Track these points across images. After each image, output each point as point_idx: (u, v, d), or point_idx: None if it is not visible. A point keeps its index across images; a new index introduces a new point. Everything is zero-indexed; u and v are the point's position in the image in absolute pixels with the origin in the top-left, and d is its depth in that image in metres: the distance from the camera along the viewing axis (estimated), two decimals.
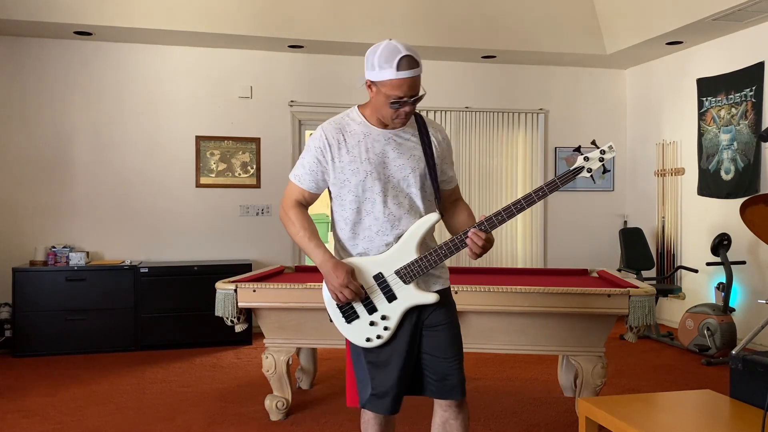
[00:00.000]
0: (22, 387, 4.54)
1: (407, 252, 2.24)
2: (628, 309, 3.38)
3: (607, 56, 6.66)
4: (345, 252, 2.34)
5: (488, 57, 6.73)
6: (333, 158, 2.28)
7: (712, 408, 2.55)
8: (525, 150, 7.08)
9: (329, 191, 2.38)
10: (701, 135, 6.17)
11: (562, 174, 2.21)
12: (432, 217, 2.27)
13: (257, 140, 6.41)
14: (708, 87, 6.08)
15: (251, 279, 3.83)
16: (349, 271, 2.23)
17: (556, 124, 7.17)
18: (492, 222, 2.20)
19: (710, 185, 6.05)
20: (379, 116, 2.26)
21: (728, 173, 5.83)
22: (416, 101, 2.20)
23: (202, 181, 6.31)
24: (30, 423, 3.79)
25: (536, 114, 7.11)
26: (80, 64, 6.02)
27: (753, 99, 5.56)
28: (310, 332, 3.71)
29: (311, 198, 2.38)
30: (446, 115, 6.85)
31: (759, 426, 2.25)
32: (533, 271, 4.90)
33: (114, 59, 6.10)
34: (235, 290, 3.59)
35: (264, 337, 3.80)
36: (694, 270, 5.93)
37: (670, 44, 6.20)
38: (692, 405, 2.63)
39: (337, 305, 2.29)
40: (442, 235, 2.63)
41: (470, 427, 2.38)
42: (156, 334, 5.67)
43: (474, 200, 6.85)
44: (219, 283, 3.66)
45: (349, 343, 2.36)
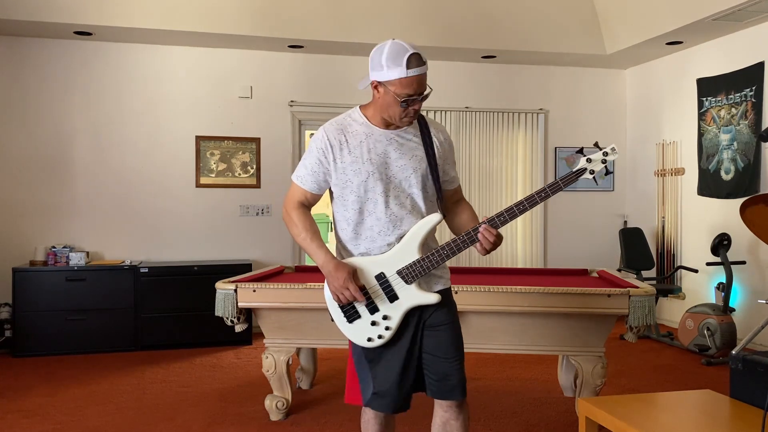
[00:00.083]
0: (22, 387, 4.54)
1: (409, 252, 2.24)
2: (628, 309, 3.38)
3: (607, 56, 6.66)
4: (347, 252, 2.33)
5: (488, 57, 6.73)
6: (335, 159, 2.27)
7: (712, 408, 2.55)
8: (525, 150, 7.08)
9: (331, 192, 2.38)
10: (701, 135, 6.17)
11: (565, 175, 2.21)
12: (434, 218, 2.27)
13: (257, 140, 6.41)
14: (708, 87, 6.08)
15: (251, 279, 3.83)
16: (351, 272, 2.23)
17: (556, 124, 7.17)
18: (494, 222, 2.21)
19: (710, 185, 6.05)
20: (386, 116, 2.25)
21: (728, 173, 5.83)
22: (424, 98, 2.21)
23: (202, 181, 6.31)
24: (30, 423, 3.79)
25: (536, 114, 7.11)
26: (80, 64, 6.03)
27: (753, 99, 5.56)
28: (310, 332, 3.71)
29: (313, 199, 2.38)
30: (446, 115, 6.85)
31: (759, 426, 2.25)
32: (533, 271, 4.90)
33: (114, 59, 6.10)
34: (235, 290, 3.59)
35: (264, 337, 3.80)
36: (694, 270, 5.93)
37: (670, 44, 6.20)
38: (692, 405, 2.63)
39: (339, 305, 2.29)
40: (443, 236, 2.63)
41: (470, 427, 2.38)
42: (156, 334, 5.67)
43: (474, 200, 6.85)
44: (219, 283, 3.66)
45: (352, 342, 2.36)
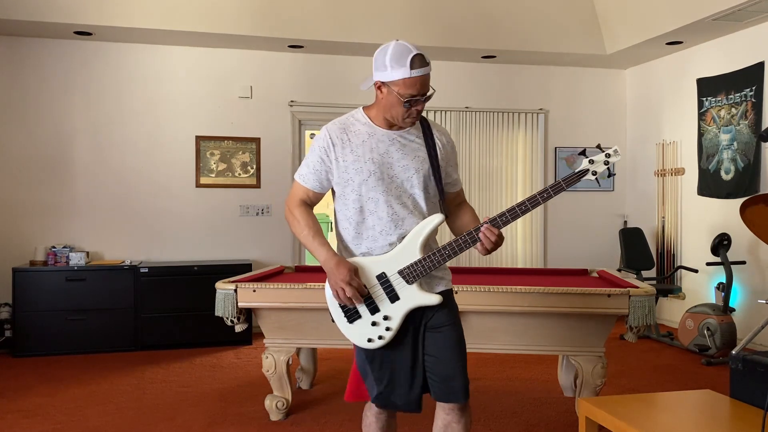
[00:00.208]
0: (22, 387, 4.54)
1: (410, 252, 2.24)
2: (628, 309, 3.38)
3: (607, 56, 6.66)
4: (348, 252, 2.33)
5: (488, 57, 6.73)
6: (337, 157, 2.28)
7: (712, 408, 2.55)
8: (525, 150, 7.08)
9: (333, 191, 2.38)
10: (701, 135, 6.17)
11: (567, 176, 2.21)
12: (436, 218, 2.26)
13: (257, 140, 6.41)
14: (708, 87, 6.08)
15: (251, 279, 3.83)
16: (352, 269, 2.22)
17: (556, 124, 7.17)
18: (496, 222, 2.21)
19: (710, 185, 6.05)
20: (389, 116, 2.26)
21: (728, 173, 5.83)
22: (427, 99, 2.22)
23: (202, 181, 6.31)
24: (30, 423, 3.79)
25: (536, 114, 7.11)
26: (80, 64, 6.03)
27: (753, 99, 5.56)
28: (310, 332, 3.71)
29: (316, 198, 2.38)
30: (446, 115, 6.85)
31: (759, 426, 2.25)
32: (533, 271, 4.89)
33: (114, 59, 6.10)
34: (235, 290, 3.59)
35: (264, 337, 3.80)
36: (694, 270, 5.93)
37: (670, 44, 6.20)
38: (692, 405, 2.63)
39: (340, 305, 2.28)
40: (444, 238, 2.62)
41: (470, 428, 2.37)
42: (156, 334, 5.67)
43: (474, 200, 6.85)
44: (219, 283, 3.66)
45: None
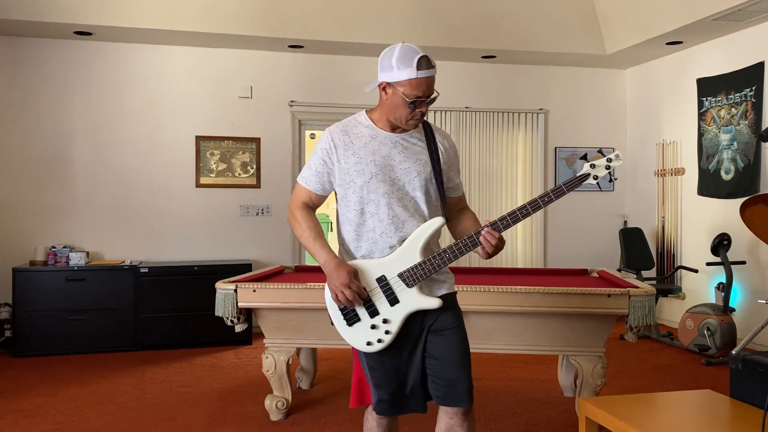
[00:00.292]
0: (22, 387, 4.54)
1: (411, 255, 2.23)
2: (628, 309, 3.38)
3: (607, 56, 6.66)
4: (348, 254, 2.33)
5: (488, 57, 6.73)
6: (339, 159, 2.28)
7: (712, 408, 2.55)
8: (525, 150, 7.08)
9: (336, 193, 2.37)
10: (701, 135, 6.17)
11: (568, 180, 2.20)
12: (437, 221, 2.26)
13: (257, 140, 6.41)
14: (708, 87, 6.08)
15: (251, 279, 3.83)
16: (351, 272, 2.21)
17: (556, 124, 7.17)
18: (497, 226, 2.20)
19: (710, 185, 6.05)
20: (393, 118, 2.26)
21: (728, 173, 5.83)
22: (431, 102, 2.23)
23: (202, 181, 6.31)
24: (30, 423, 3.79)
25: (536, 114, 7.11)
26: (80, 64, 6.03)
27: (753, 99, 5.56)
28: (310, 332, 3.71)
29: (318, 200, 2.38)
30: (446, 115, 6.85)
31: (759, 426, 2.25)
32: (533, 271, 4.89)
33: (114, 59, 6.10)
34: (235, 290, 3.59)
35: (264, 337, 3.80)
36: (694, 270, 5.93)
37: (670, 44, 6.20)
38: (692, 405, 2.63)
39: (339, 308, 2.28)
40: (446, 241, 2.62)
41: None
42: (156, 334, 5.67)
43: (474, 200, 6.85)
44: (219, 283, 3.66)
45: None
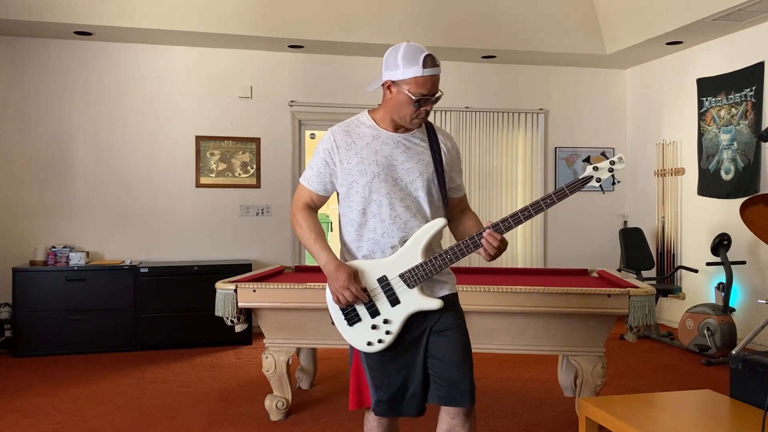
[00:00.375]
0: (22, 387, 4.54)
1: (412, 256, 2.23)
2: (628, 309, 3.38)
3: (607, 56, 6.66)
4: (350, 254, 2.33)
5: (488, 57, 6.73)
6: (341, 160, 2.28)
7: (712, 408, 2.55)
8: (525, 150, 7.08)
9: (337, 193, 2.37)
10: (701, 135, 6.17)
11: (571, 182, 2.19)
12: (439, 222, 2.25)
13: (257, 140, 6.41)
14: (708, 87, 6.08)
15: (251, 279, 3.83)
16: (352, 274, 2.22)
17: (556, 124, 7.17)
18: (498, 228, 2.19)
19: (710, 185, 6.05)
20: (397, 117, 2.25)
21: (728, 173, 5.83)
22: (436, 100, 2.23)
23: (202, 181, 6.31)
24: (30, 423, 3.79)
25: (536, 114, 7.11)
26: (80, 64, 6.03)
27: (753, 99, 5.56)
28: (310, 332, 3.71)
29: (320, 201, 2.38)
30: (446, 115, 6.85)
31: (759, 426, 2.25)
32: (533, 271, 4.89)
33: (114, 59, 6.10)
34: (235, 290, 3.59)
35: (264, 337, 3.80)
36: (694, 270, 5.93)
37: (670, 44, 6.20)
38: (692, 405, 2.63)
39: (340, 308, 2.28)
40: (447, 242, 2.62)
41: None
42: (156, 334, 5.67)
43: (474, 200, 6.85)
44: (219, 283, 3.66)
45: (356, 349, 2.33)
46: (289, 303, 3.60)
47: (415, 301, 2.23)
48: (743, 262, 5.49)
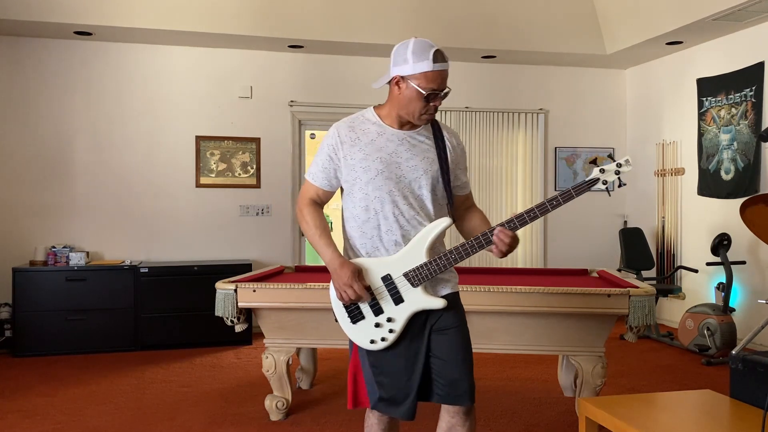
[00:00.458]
0: (22, 387, 4.54)
1: (417, 255, 2.22)
2: (628, 309, 3.38)
3: (607, 56, 6.66)
4: (353, 250, 2.32)
5: (488, 57, 6.73)
6: (345, 156, 2.27)
7: (712, 408, 2.55)
8: (525, 150, 7.08)
9: (341, 189, 2.37)
10: (701, 135, 6.17)
11: (577, 185, 2.19)
12: (443, 222, 2.25)
13: (257, 140, 6.41)
14: (708, 87, 6.08)
15: (251, 279, 3.83)
16: (355, 271, 2.21)
17: (556, 124, 7.17)
18: (511, 226, 2.19)
19: (710, 185, 6.05)
20: (405, 113, 2.25)
21: (728, 173, 5.83)
22: (444, 96, 2.23)
23: (202, 181, 6.31)
24: (30, 423, 3.79)
25: (536, 114, 7.11)
26: (80, 64, 6.03)
27: (753, 99, 5.56)
28: (311, 332, 3.71)
29: (325, 196, 2.38)
30: (446, 115, 6.84)
31: (759, 426, 2.25)
32: (533, 271, 4.90)
33: (114, 59, 6.10)
34: (235, 290, 3.59)
35: (264, 337, 3.80)
36: (694, 270, 5.93)
37: (670, 44, 6.20)
38: (692, 405, 2.63)
39: (343, 305, 2.27)
40: (451, 242, 2.62)
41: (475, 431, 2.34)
42: (156, 334, 5.67)
43: (474, 200, 6.84)
44: (219, 283, 3.66)
45: (357, 346, 2.33)
46: (289, 303, 3.60)
47: (419, 300, 2.23)
48: (743, 262, 5.49)
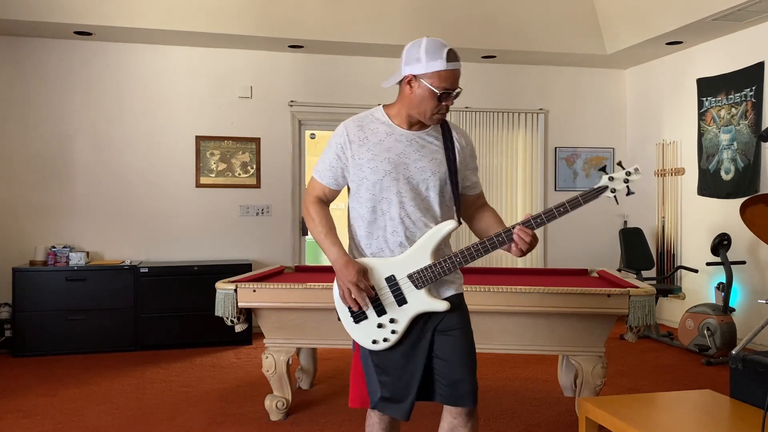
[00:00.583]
0: (22, 387, 4.54)
1: (421, 257, 2.22)
2: (628, 309, 3.38)
3: (607, 56, 6.66)
4: (358, 250, 2.32)
5: (488, 57, 6.73)
6: (353, 155, 2.26)
7: (712, 408, 2.55)
8: (525, 150, 7.08)
9: (348, 188, 2.37)
10: (701, 135, 6.17)
11: (585, 192, 2.19)
12: (449, 225, 2.24)
13: (257, 140, 6.41)
14: (708, 87, 6.08)
15: (251, 279, 3.83)
16: (360, 270, 2.21)
17: (556, 124, 7.17)
18: (510, 235, 2.19)
19: (710, 185, 6.05)
20: (417, 112, 2.24)
21: (728, 173, 5.83)
22: (456, 95, 2.23)
23: (202, 181, 6.31)
24: (30, 423, 3.79)
25: (536, 114, 7.11)
26: (80, 64, 6.03)
27: (753, 99, 5.56)
28: (311, 332, 3.71)
29: (332, 195, 2.37)
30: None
31: (759, 426, 2.25)
32: (533, 271, 4.89)
33: (114, 59, 6.10)
34: (235, 290, 3.59)
35: (264, 337, 3.79)
36: (694, 270, 5.93)
37: (670, 44, 6.20)
38: (692, 405, 2.63)
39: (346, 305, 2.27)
40: (457, 243, 2.61)
41: None
42: (156, 334, 5.67)
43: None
44: (219, 283, 3.66)
45: (359, 345, 2.33)
46: (289, 303, 3.60)
47: (422, 302, 2.23)
48: (743, 262, 5.49)
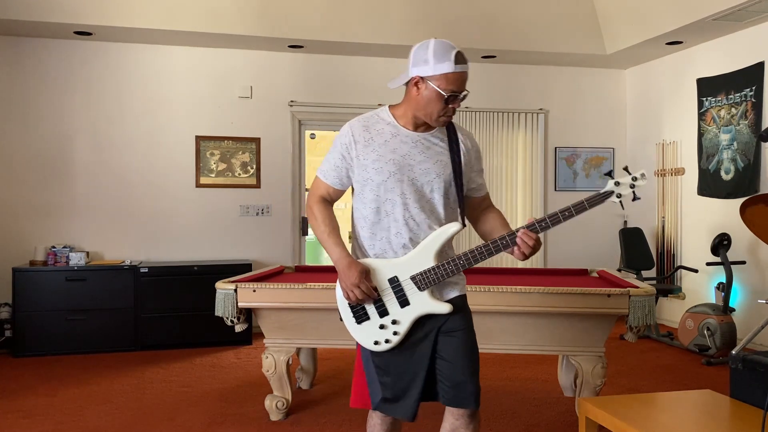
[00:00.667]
0: (22, 387, 4.54)
1: (425, 259, 2.22)
2: (628, 309, 3.38)
3: (607, 56, 6.66)
4: (361, 251, 2.32)
5: (488, 57, 6.73)
6: (358, 155, 2.26)
7: (712, 408, 2.55)
8: (525, 150, 7.08)
9: (352, 188, 2.36)
10: (701, 135, 6.17)
11: (591, 197, 2.17)
12: (453, 227, 2.23)
13: (257, 140, 6.41)
14: (708, 87, 6.08)
15: (251, 279, 3.83)
16: (363, 271, 2.21)
17: (556, 124, 7.17)
18: (514, 238, 2.18)
19: (710, 185, 6.05)
20: (423, 114, 2.23)
21: (728, 173, 5.83)
22: (463, 98, 2.22)
23: (202, 181, 6.31)
24: (30, 423, 3.79)
25: (536, 114, 7.11)
26: (80, 64, 6.03)
27: (753, 99, 5.56)
28: (311, 332, 3.71)
29: (336, 194, 2.37)
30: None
31: (759, 426, 2.25)
32: (533, 271, 4.90)
33: (114, 59, 6.10)
34: (235, 290, 3.59)
35: (264, 337, 3.79)
36: (694, 270, 5.93)
37: (670, 44, 6.20)
38: (692, 405, 2.63)
39: (349, 305, 2.27)
40: (460, 245, 2.61)
41: None
42: (156, 334, 5.67)
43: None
44: (219, 283, 3.66)
45: (361, 345, 2.33)
46: (289, 303, 3.60)
47: (425, 304, 2.22)
48: (743, 262, 5.49)
